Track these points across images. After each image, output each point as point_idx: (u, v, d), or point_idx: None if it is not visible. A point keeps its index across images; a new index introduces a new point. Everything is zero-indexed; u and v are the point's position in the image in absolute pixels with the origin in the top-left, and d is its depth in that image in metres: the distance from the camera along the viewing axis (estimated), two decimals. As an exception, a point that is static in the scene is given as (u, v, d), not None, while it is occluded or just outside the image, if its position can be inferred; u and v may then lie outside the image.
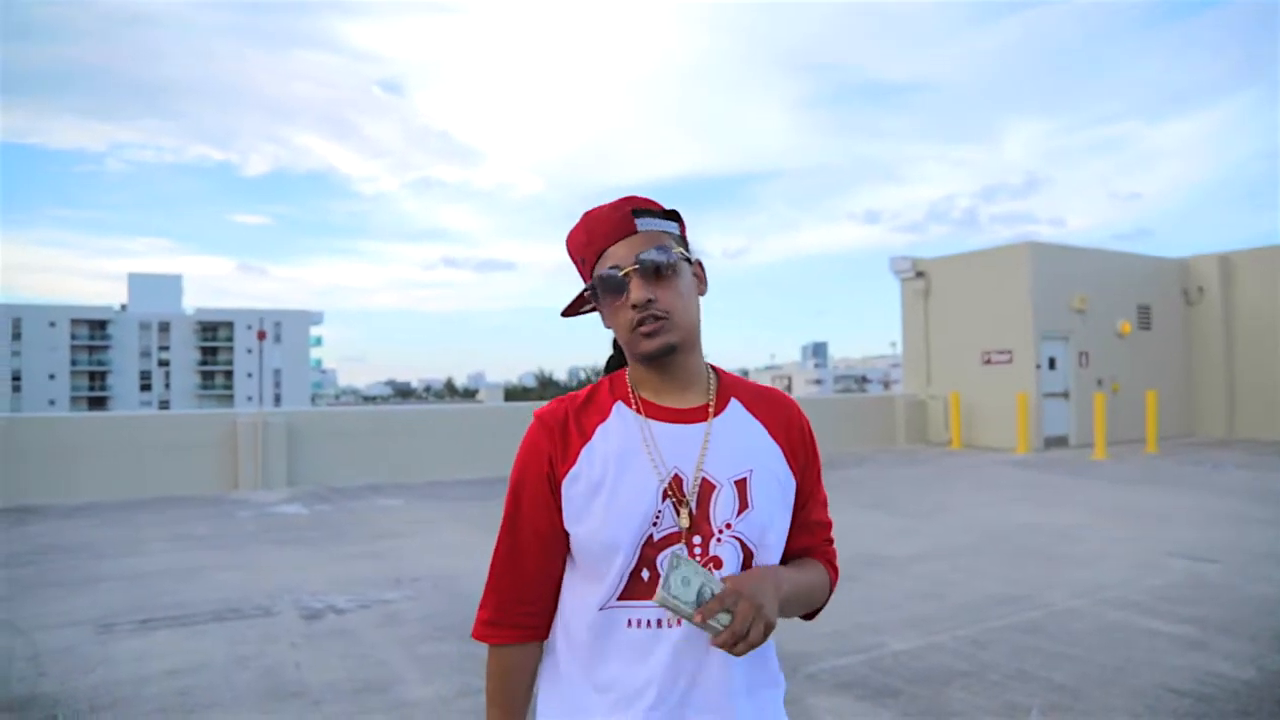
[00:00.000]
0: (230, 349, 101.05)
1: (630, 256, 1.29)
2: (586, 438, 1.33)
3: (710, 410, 1.36)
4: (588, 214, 1.36)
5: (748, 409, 1.40)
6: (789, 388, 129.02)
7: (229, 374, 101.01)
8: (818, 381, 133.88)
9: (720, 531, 1.28)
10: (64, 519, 9.56)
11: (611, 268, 1.30)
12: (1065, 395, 16.87)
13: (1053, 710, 3.80)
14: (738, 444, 1.35)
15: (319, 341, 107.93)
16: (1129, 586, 5.95)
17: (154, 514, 9.87)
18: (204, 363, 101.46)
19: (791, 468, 1.39)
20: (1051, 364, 16.72)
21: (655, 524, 1.27)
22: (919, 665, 4.41)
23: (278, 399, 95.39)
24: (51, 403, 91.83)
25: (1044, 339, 16.51)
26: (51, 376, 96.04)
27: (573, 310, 1.43)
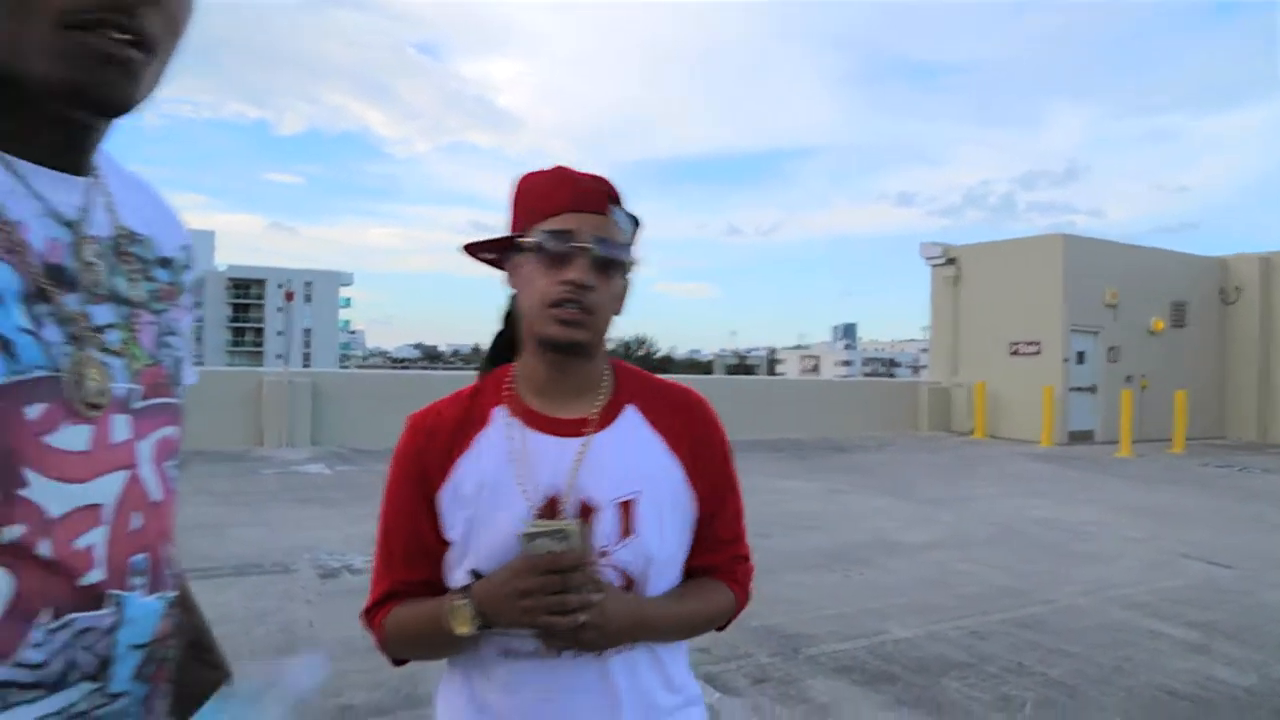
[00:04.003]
0: (261, 307, 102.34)
1: (589, 234, 1.17)
2: (464, 448, 1.22)
3: (594, 421, 1.23)
4: (561, 169, 1.23)
5: (646, 417, 1.27)
6: (817, 369, 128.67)
7: (259, 331, 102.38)
8: (847, 363, 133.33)
9: (598, 559, 1.17)
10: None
11: (563, 231, 1.17)
12: (1092, 390, 16.75)
13: (1046, 706, 3.85)
14: (627, 460, 1.22)
15: (348, 303, 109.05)
16: (1138, 586, 5.96)
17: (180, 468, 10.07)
18: (235, 319, 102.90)
19: (694, 485, 1.26)
20: (1080, 358, 16.59)
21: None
22: (918, 654, 4.46)
23: (307, 359, 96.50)
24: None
25: (1073, 332, 16.37)
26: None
27: (480, 250, 1.29)
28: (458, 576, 1.21)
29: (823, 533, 7.47)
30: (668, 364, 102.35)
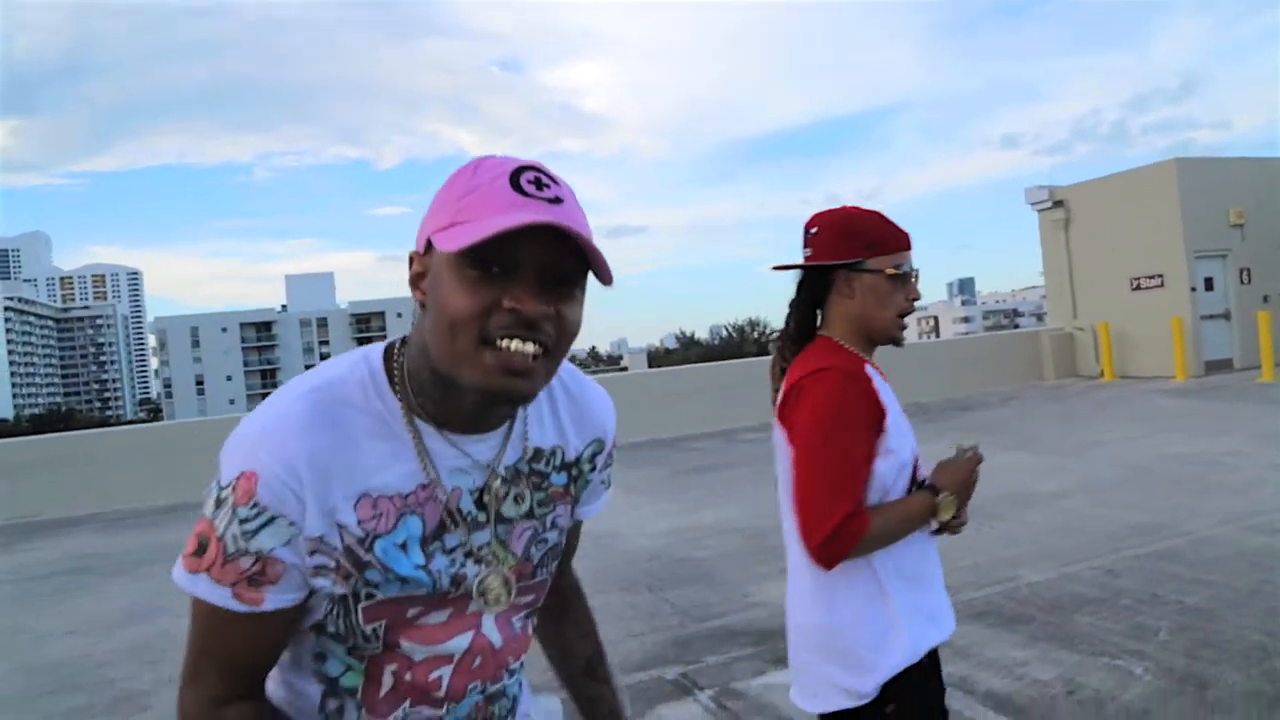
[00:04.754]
0: (384, 337, 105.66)
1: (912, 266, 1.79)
2: (877, 389, 1.72)
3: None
4: (881, 214, 1.77)
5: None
6: (936, 329, 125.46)
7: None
8: (965, 319, 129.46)
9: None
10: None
11: (910, 267, 1.76)
12: (1226, 316, 16.08)
13: (1182, 631, 3.98)
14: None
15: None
16: None
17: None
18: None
19: None
20: (1209, 284, 15.95)
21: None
22: (1051, 594, 4.63)
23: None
24: (231, 402, 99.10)
25: (1198, 259, 15.75)
26: (229, 378, 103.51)
27: (793, 267, 1.84)
28: (901, 485, 1.73)
29: (951, 492, 7.57)
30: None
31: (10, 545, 9.30)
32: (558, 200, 0.96)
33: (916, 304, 1.77)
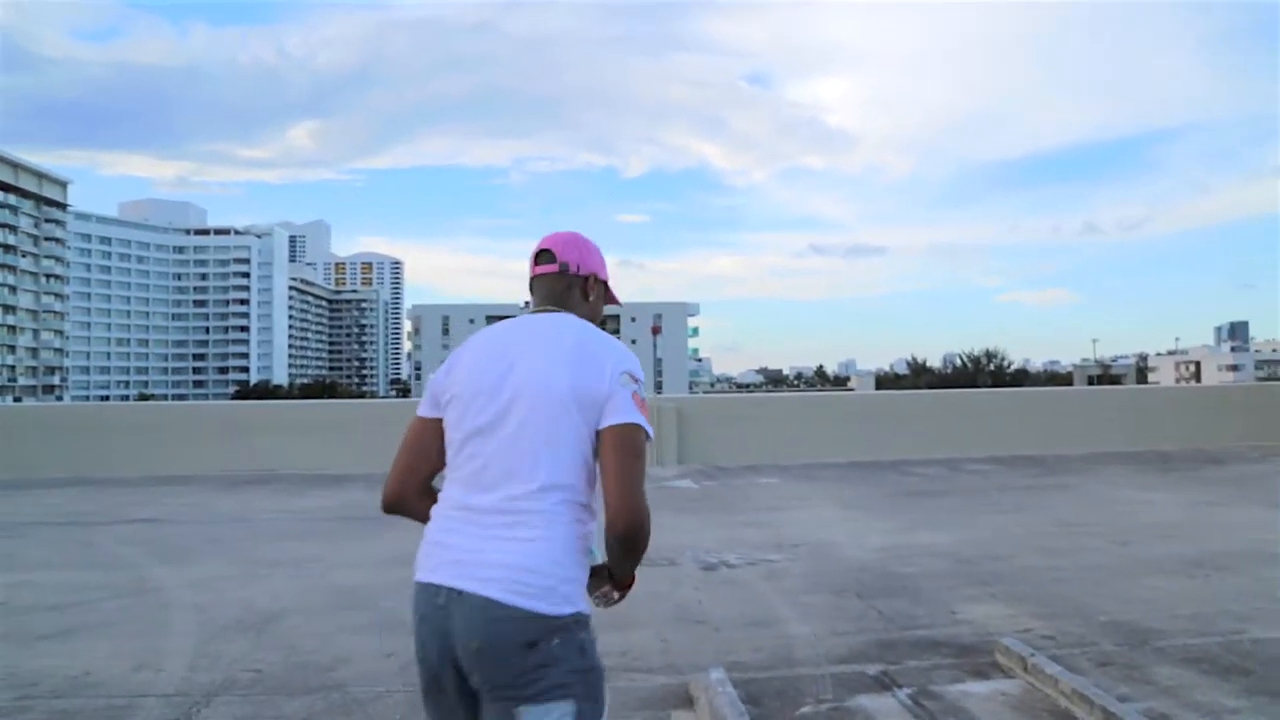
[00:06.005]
0: (618, 336, 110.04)
1: None
2: None
3: None
4: None
5: None
6: (1197, 375, 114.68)
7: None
8: (1233, 367, 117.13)
9: None
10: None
11: None
12: None
13: None
14: None
15: (695, 332, 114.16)
16: None
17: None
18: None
19: None
20: None
21: None
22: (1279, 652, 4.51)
23: (659, 387, 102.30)
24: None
25: None
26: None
27: None
28: None
29: (1185, 542, 7.29)
30: (1023, 377, 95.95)
31: (301, 491, 10.90)
32: None
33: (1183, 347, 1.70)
